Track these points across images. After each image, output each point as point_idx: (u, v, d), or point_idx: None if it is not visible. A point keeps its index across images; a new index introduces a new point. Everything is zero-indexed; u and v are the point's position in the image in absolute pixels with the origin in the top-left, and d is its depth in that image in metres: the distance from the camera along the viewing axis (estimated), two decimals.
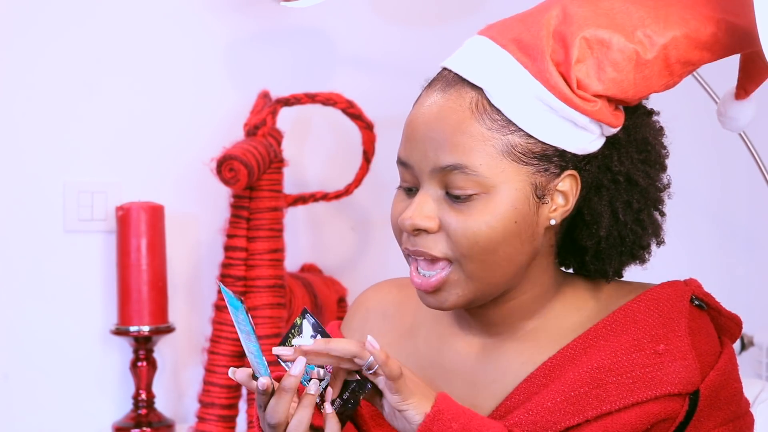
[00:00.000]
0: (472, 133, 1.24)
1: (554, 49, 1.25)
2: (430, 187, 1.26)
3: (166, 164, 2.38)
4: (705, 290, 1.34)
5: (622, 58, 1.26)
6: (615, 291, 1.34)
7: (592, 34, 1.25)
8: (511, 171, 1.24)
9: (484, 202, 1.24)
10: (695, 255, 2.66)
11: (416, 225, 1.25)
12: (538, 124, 1.24)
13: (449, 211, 1.25)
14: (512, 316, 1.32)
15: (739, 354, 2.41)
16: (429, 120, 1.26)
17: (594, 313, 1.32)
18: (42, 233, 2.32)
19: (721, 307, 1.34)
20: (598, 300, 1.33)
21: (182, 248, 2.36)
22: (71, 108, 2.33)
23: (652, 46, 1.28)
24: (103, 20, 2.35)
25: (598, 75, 1.25)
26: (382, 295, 1.44)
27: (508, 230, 1.24)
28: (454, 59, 1.29)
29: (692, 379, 1.25)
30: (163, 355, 2.34)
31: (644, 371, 1.25)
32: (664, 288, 1.32)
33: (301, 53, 2.46)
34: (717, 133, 2.57)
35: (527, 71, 1.24)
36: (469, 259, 1.24)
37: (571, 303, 1.33)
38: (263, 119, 2.24)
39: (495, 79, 1.25)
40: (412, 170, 1.27)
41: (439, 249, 1.25)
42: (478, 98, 1.25)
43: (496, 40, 1.27)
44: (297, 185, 2.41)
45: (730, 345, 1.34)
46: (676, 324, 1.28)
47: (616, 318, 1.29)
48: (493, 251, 1.24)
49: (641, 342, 1.27)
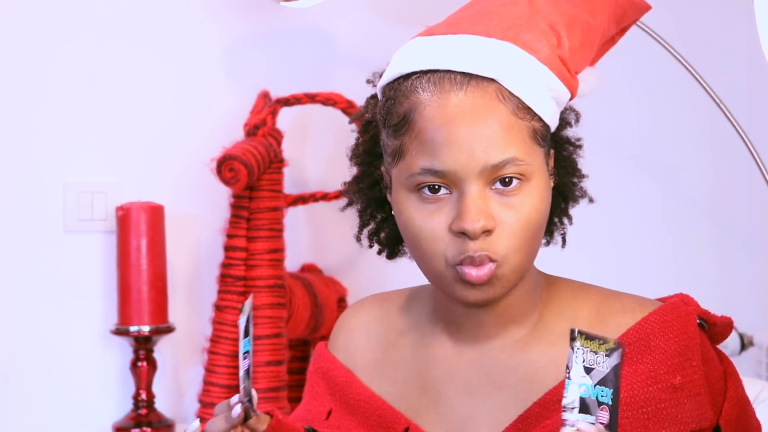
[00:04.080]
0: (510, 124, 1.23)
1: (548, 35, 1.27)
2: (476, 187, 1.22)
3: (166, 164, 2.38)
4: (701, 307, 1.32)
5: (587, 38, 1.31)
6: (605, 302, 1.32)
7: (565, 19, 1.29)
8: (539, 155, 1.26)
9: (528, 189, 1.23)
10: (695, 255, 2.66)
11: (486, 226, 1.21)
12: (544, 106, 1.26)
13: (499, 207, 1.23)
14: (504, 317, 1.30)
15: (738, 354, 2.41)
16: (467, 120, 1.22)
17: (587, 326, 1.28)
18: (42, 233, 2.32)
19: (716, 317, 1.32)
20: (590, 311, 1.31)
21: (182, 248, 2.36)
22: (71, 108, 2.33)
23: (597, 26, 1.33)
24: (103, 20, 2.35)
25: (575, 55, 1.30)
26: (363, 312, 1.43)
27: (546, 213, 1.26)
28: (444, 58, 1.25)
29: (706, 415, 1.25)
30: (163, 355, 2.34)
31: (660, 406, 1.24)
32: (672, 310, 1.29)
33: (301, 53, 2.46)
34: (717, 133, 2.58)
35: (534, 57, 1.25)
36: (520, 251, 1.23)
37: (558, 311, 1.32)
38: (263, 119, 2.24)
39: (506, 70, 1.24)
40: (452, 175, 1.22)
41: (499, 248, 1.22)
42: (498, 89, 1.24)
43: (487, 35, 1.26)
44: (297, 185, 2.41)
45: (730, 360, 1.33)
46: (691, 353, 1.26)
47: (629, 342, 1.27)
48: (538, 235, 1.25)
49: (657, 374, 1.25)
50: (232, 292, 2.22)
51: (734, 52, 2.63)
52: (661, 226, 2.66)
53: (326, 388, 1.40)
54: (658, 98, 2.63)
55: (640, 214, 2.64)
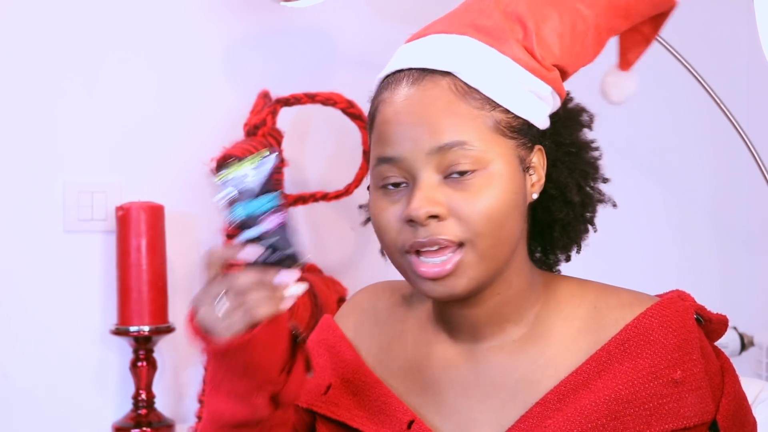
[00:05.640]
0: (462, 113, 1.24)
1: (513, 28, 1.29)
2: (427, 174, 1.23)
3: (166, 164, 2.38)
4: (697, 302, 1.33)
5: (566, 31, 1.31)
6: (603, 298, 1.32)
7: (539, 11, 1.30)
8: (502, 145, 1.25)
9: (486, 177, 1.23)
10: (695, 255, 2.67)
11: (430, 211, 1.22)
12: (512, 98, 1.26)
13: (453, 194, 1.23)
14: (498, 317, 1.30)
15: (738, 354, 2.41)
16: (414, 109, 1.24)
17: (585, 324, 1.30)
18: (42, 233, 2.32)
19: (711, 314, 1.33)
20: (588, 308, 1.31)
21: (182, 248, 2.36)
22: (71, 108, 2.33)
23: (586, 18, 1.34)
24: (103, 20, 2.35)
25: (552, 47, 1.30)
26: (376, 297, 1.43)
27: (511, 202, 1.25)
28: (409, 58, 1.28)
29: (707, 408, 1.26)
30: (163, 355, 2.35)
31: (661, 402, 1.24)
32: (670, 304, 1.30)
33: (301, 53, 2.46)
34: (717, 134, 2.58)
35: (493, 49, 1.27)
36: (483, 236, 1.23)
37: (556, 309, 1.32)
38: (263, 119, 2.24)
39: (463, 63, 1.25)
40: (402, 163, 1.24)
41: (453, 233, 1.23)
42: (453, 82, 1.25)
43: (448, 32, 1.28)
44: (297, 185, 2.41)
45: (727, 357, 1.34)
46: (690, 347, 1.27)
47: (628, 337, 1.27)
48: (503, 225, 1.24)
49: (658, 368, 1.25)
50: None
51: (734, 52, 2.64)
52: (662, 226, 2.66)
53: (329, 361, 1.40)
54: (658, 98, 2.63)
55: (640, 214, 2.64)
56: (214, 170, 1.34)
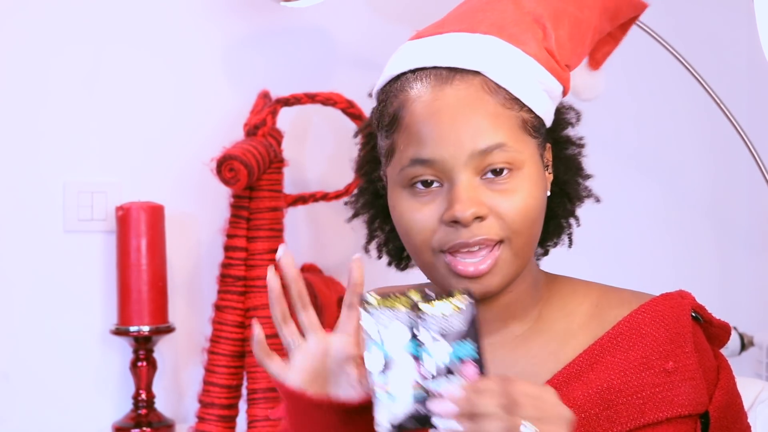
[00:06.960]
0: (497, 114, 1.24)
1: (533, 29, 1.30)
2: (466, 176, 1.23)
3: (166, 164, 2.38)
4: (698, 302, 1.33)
5: (574, 32, 1.33)
6: (605, 296, 1.34)
7: (552, 13, 1.31)
8: (530, 144, 1.27)
9: (520, 177, 1.25)
10: (695, 255, 2.66)
11: (476, 213, 1.22)
12: (533, 97, 1.28)
13: (491, 194, 1.24)
14: (504, 314, 1.31)
15: (738, 354, 2.40)
16: (453, 110, 1.24)
17: (586, 320, 1.31)
18: (42, 233, 2.32)
19: (713, 317, 1.34)
20: (590, 306, 1.33)
21: (182, 248, 2.36)
22: (71, 108, 2.33)
23: (587, 20, 1.35)
24: (103, 19, 2.35)
25: (565, 47, 1.32)
26: None
27: (541, 200, 1.27)
28: (432, 56, 1.27)
29: (701, 399, 1.26)
30: (163, 355, 2.34)
31: (654, 391, 1.25)
32: (665, 300, 1.31)
33: (301, 53, 2.46)
34: (717, 133, 2.58)
35: (519, 49, 1.27)
36: (519, 234, 1.24)
37: (559, 307, 1.33)
38: (263, 119, 2.24)
39: (491, 62, 1.26)
40: (440, 164, 1.24)
41: (494, 232, 1.24)
42: (484, 81, 1.25)
43: (472, 31, 1.28)
44: (297, 185, 2.41)
45: (725, 357, 1.34)
46: (682, 339, 1.28)
47: (621, 331, 1.29)
48: (536, 222, 1.26)
49: (650, 359, 1.26)
50: (232, 292, 2.22)
51: (734, 52, 2.63)
52: (662, 226, 2.66)
53: None
54: (658, 98, 2.63)
55: (641, 214, 2.64)
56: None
